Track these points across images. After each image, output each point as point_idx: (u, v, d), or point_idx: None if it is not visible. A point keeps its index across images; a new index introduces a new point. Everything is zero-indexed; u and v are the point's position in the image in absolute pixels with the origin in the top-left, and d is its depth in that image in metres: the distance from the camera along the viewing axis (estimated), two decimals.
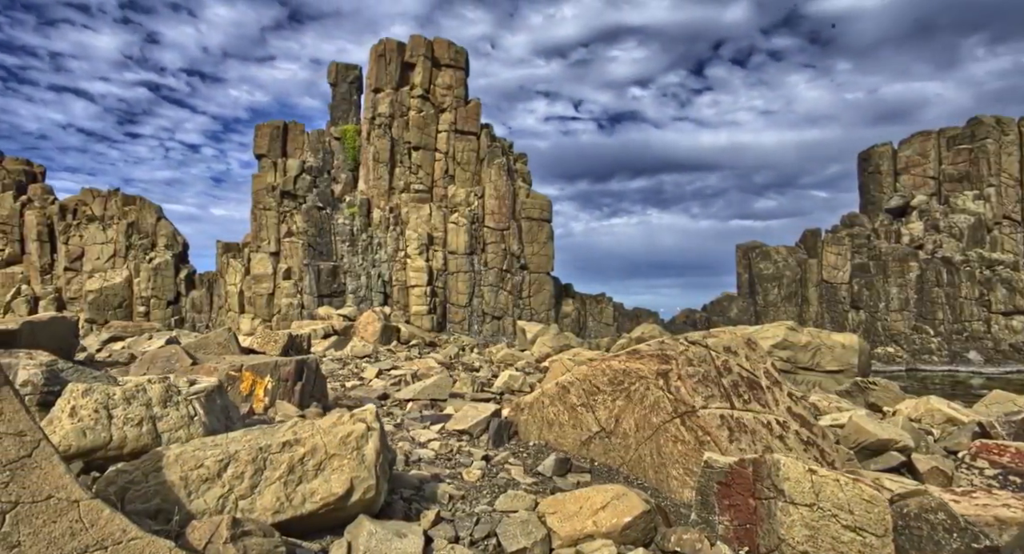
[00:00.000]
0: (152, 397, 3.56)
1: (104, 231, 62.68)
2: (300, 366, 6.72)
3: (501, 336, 48.46)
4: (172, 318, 57.83)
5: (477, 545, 3.88)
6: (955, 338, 48.96)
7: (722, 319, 52.82)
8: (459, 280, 49.53)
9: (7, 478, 2.16)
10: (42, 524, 2.13)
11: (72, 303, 61.70)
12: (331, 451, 3.62)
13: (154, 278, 59.02)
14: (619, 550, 3.66)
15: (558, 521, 3.94)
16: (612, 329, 50.99)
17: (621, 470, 5.59)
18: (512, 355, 16.39)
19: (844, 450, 6.72)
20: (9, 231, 62.57)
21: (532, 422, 6.26)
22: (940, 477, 6.70)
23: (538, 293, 49.95)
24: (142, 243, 61.49)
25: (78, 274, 62.30)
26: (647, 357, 5.66)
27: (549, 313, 49.71)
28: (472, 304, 49.80)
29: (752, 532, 3.62)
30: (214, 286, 59.10)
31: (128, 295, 59.67)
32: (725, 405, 5.45)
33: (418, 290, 49.08)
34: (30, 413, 2.35)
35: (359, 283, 51.38)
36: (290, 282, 52.44)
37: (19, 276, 63.16)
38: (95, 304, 58.71)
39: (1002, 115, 54.11)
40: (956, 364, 47.05)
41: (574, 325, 50.15)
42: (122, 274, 60.10)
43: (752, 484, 3.63)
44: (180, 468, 3.23)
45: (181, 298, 59.42)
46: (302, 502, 3.43)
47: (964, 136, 55.21)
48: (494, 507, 4.39)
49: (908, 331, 49.68)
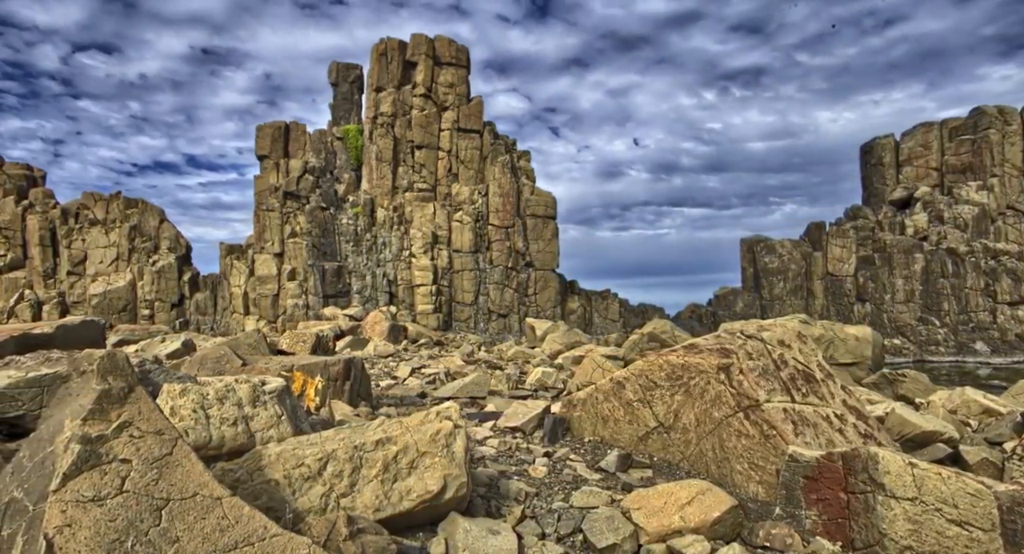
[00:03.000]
0: (242, 397, 3.55)
1: (107, 235, 62.62)
2: (348, 366, 6.71)
3: (507, 334, 48.46)
4: (176, 320, 57.83)
5: (564, 541, 3.87)
6: (961, 329, 49.02)
7: (728, 313, 52.84)
8: (464, 278, 49.51)
9: (156, 476, 2.15)
10: (194, 520, 2.12)
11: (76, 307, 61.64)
12: (422, 449, 3.61)
13: (158, 281, 59.00)
14: (712, 546, 3.65)
15: (644, 517, 3.93)
16: (618, 325, 50.99)
17: (682, 465, 5.58)
18: (523, 352, 16.34)
19: (894, 444, 6.72)
20: (11, 236, 62.46)
21: (586, 418, 6.25)
22: (991, 469, 6.70)
23: (544, 290, 49.95)
24: (145, 246, 61.43)
25: (81, 278, 62.23)
26: (706, 351, 5.64)
27: (555, 310, 49.71)
28: (478, 302, 49.80)
29: (844, 526, 3.60)
30: (218, 288, 59.06)
31: (132, 298, 59.63)
32: (786, 399, 5.44)
33: (423, 289, 49.06)
34: (163, 412, 2.33)
35: (364, 283, 51.35)
36: (295, 283, 52.38)
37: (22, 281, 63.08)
38: (99, 308, 58.67)
39: (1004, 105, 54.14)
40: (963, 355, 47.12)
41: (580, 321, 50.16)
42: (125, 277, 60.05)
43: (844, 478, 3.62)
44: (282, 467, 3.22)
45: (185, 300, 59.38)
46: (399, 500, 3.42)
47: (967, 127, 55.21)
48: (570, 504, 4.38)
49: (914, 323, 49.74)
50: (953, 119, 56.74)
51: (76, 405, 2.29)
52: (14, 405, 3.07)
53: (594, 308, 52.35)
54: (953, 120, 56.65)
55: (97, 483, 2.06)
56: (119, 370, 2.36)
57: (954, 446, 7.21)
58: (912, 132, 58.32)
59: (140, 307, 59.32)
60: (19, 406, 3.09)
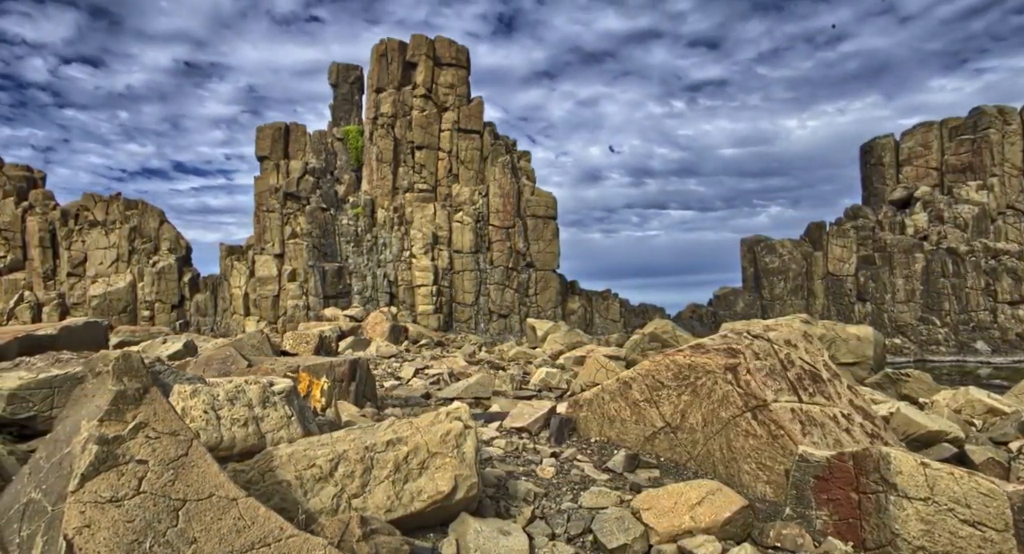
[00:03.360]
0: (252, 398, 3.54)
1: (106, 236, 62.56)
2: (353, 366, 6.70)
3: (508, 334, 48.44)
4: (177, 322, 57.77)
5: (574, 542, 3.87)
6: (962, 328, 49.03)
7: (728, 313, 52.84)
8: (465, 279, 49.50)
9: (172, 476, 2.15)
10: (211, 521, 2.12)
11: (76, 308, 61.60)
12: (432, 449, 3.61)
13: (158, 282, 58.94)
14: (723, 546, 3.64)
15: (654, 517, 3.92)
16: (618, 325, 50.98)
17: (689, 465, 5.57)
18: (524, 353, 16.32)
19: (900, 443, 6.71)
20: (11, 237, 62.42)
21: (592, 418, 6.25)
22: (997, 468, 6.69)
23: (544, 290, 49.94)
24: (145, 247, 61.38)
25: (81, 279, 62.17)
26: (713, 351, 5.64)
27: (556, 310, 49.70)
28: (478, 303, 49.78)
29: (855, 527, 3.60)
30: (218, 289, 59.02)
31: (132, 299, 59.58)
32: (793, 399, 5.44)
33: (424, 289, 49.04)
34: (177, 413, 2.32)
35: (364, 284, 51.32)
36: (295, 284, 52.35)
37: (22, 282, 63.02)
38: (99, 309, 58.62)
39: (1004, 105, 54.16)
40: (964, 354, 47.11)
41: (580, 322, 50.15)
42: (125, 279, 60.00)
43: (855, 478, 3.62)
44: (293, 467, 3.21)
45: (185, 301, 59.34)
46: (411, 500, 3.42)
47: (966, 126, 55.23)
48: (579, 504, 4.38)
49: (915, 322, 49.73)
50: (953, 118, 56.76)
51: (92, 406, 2.28)
52: (25, 406, 3.06)
53: (595, 308, 52.34)
54: (953, 119, 56.66)
55: (115, 484, 2.06)
56: (134, 371, 2.35)
57: (959, 446, 7.21)
58: (912, 132, 58.33)
59: (140, 308, 59.28)
60: (30, 407, 3.08)
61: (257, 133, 55.79)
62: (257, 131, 55.87)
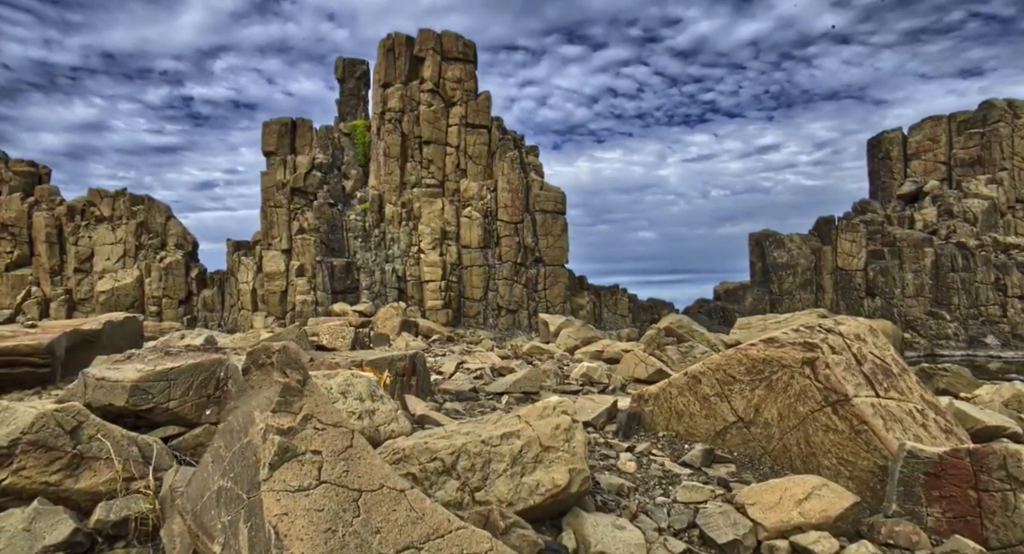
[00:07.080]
0: (361, 391, 3.49)
1: (113, 232, 62.58)
2: (413, 361, 6.66)
3: (516, 329, 48.44)
4: (184, 317, 57.78)
5: (680, 536, 3.82)
6: (971, 323, 48.96)
7: (737, 308, 52.78)
8: (473, 274, 49.45)
9: (345, 467, 2.10)
10: (387, 512, 2.07)
11: (83, 304, 61.67)
12: (545, 443, 3.56)
13: (165, 278, 58.96)
14: (839, 542, 3.59)
15: (760, 512, 3.87)
16: (627, 320, 50.96)
17: (764, 460, 5.52)
18: (538, 348, 16.17)
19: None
20: (17, 233, 62.45)
21: (659, 413, 6.19)
22: None
23: (553, 286, 49.88)
24: (152, 243, 61.38)
25: (88, 275, 62.24)
26: (788, 345, 5.58)
27: (564, 306, 49.66)
28: (487, 298, 49.73)
29: (974, 524, 3.54)
30: (225, 285, 59.01)
31: (139, 295, 59.62)
32: (871, 393, 5.38)
33: (433, 285, 49.01)
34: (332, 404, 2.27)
35: (373, 279, 51.29)
36: (303, 279, 52.32)
37: (29, 278, 63.09)
38: (106, 305, 58.65)
39: (1014, 99, 53.94)
40: (973, 349, 47.08)
41: (589, 317, 50.11)
42: (133, 274, 60.03)
43: (973, 475, 3.56)
44: (417, 460, 3.17)
45: (192, 297, 59.36)
46: (530, 493, 3.37)
47: (975, 120, 55.04)
48: (673, 498, 4.33)
49: (924, 317, 49.67)
50: (961, 112, 56.55)
51: (262, 397, 2.23)
52: (146, 398, 3.02)
53: (603, 303, 52.29)
54: (962, 113, 56.46)
55: (298, 473, 2.02)
56: (295, 363, 2.30)
57: (1018, 441, 7.15)
58: (920, 126, 58.15)
59: (147, 304, 59.28)
60: (150, 399, 3.03)
61: (263, 128, 55.68)
62: (263, 126, 55.76)
